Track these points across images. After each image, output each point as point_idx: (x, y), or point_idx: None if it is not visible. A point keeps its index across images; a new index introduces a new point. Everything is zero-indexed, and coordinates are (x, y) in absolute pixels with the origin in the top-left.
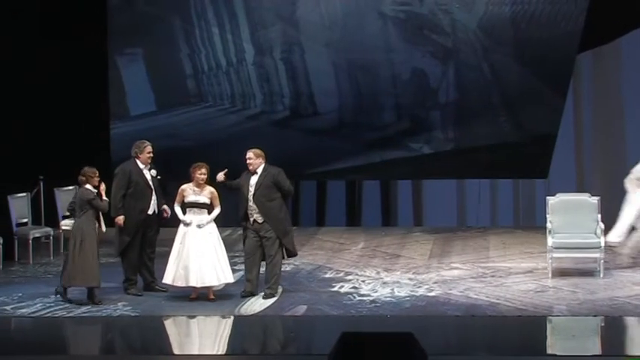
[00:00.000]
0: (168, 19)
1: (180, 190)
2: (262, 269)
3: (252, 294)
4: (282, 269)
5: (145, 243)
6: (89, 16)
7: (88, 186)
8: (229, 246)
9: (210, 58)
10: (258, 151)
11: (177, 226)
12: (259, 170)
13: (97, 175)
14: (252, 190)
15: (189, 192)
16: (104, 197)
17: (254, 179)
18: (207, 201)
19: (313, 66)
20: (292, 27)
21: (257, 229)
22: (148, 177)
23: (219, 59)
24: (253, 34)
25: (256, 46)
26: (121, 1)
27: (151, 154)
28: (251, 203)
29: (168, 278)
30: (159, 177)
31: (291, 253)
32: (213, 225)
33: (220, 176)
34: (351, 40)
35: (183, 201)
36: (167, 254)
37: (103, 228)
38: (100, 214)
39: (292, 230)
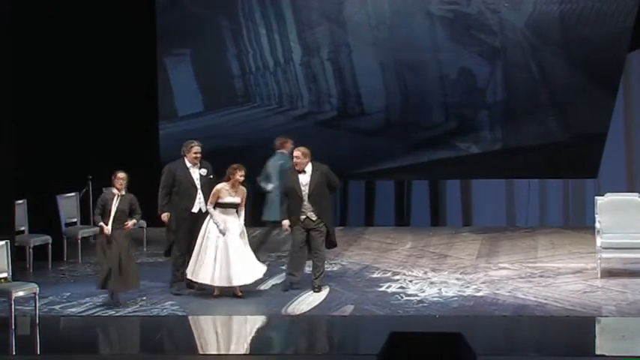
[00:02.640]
0: (215, 19)
1: (215, 190)
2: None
3: (293, 287)
4: (329, 269)
5: (194, 242)
6: (138, 17)
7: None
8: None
9: (257, 58)
10: (305, 150)
11: None
12: (308, 169)
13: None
14: (305, 189)
15: (225, 193)
16: None
17: (304, 178)
18: (240, 202)
19: (360, 66)
20: (339, 27)
21: (307, 225)
22: (195, 176)
23: (266, 59)
24: (300, 35)
25: (303, 46)
26: (168, 2)
27: (198, 154)
28: (305, 202)
29: (206, 278)
30: (211, 176)
31: (333, 244)
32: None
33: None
34: (398, 40)
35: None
36: None
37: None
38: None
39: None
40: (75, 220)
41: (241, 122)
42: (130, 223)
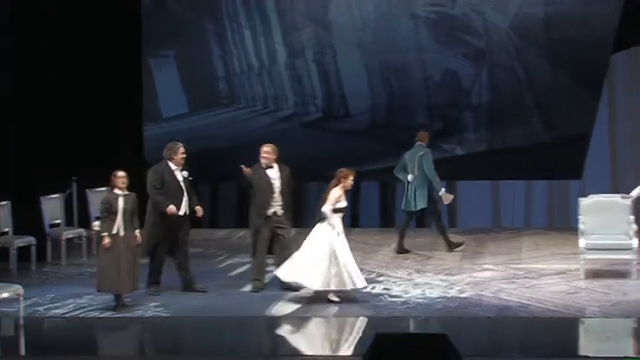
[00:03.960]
0: (200, 21)
1: (337, 195)
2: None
3: (262, 289)
4: None
5: (179, 244)
6: (123, 18)
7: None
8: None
9: (242, 59)
10: (275, 147)
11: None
12: (275, 165)
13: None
14: (276, 182)
15: (342, 198)
16: None
17: (273, 173)
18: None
19: (345, 67)
20: (324, 29)
21: (275, 222)
22: (180, 178)
23: (251, 61)
24: (285, 36)
25: (288, 48)
26: (153, 4)
27: (185, 156)
28: (276, 195)
29: (316, 284)
30: (190, 178)
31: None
32: None
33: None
34: (383, 42)
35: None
36: (199, 255)
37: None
38: None
39: None
40: (59, 221)
41: (226, 124)
42: (138, 236)
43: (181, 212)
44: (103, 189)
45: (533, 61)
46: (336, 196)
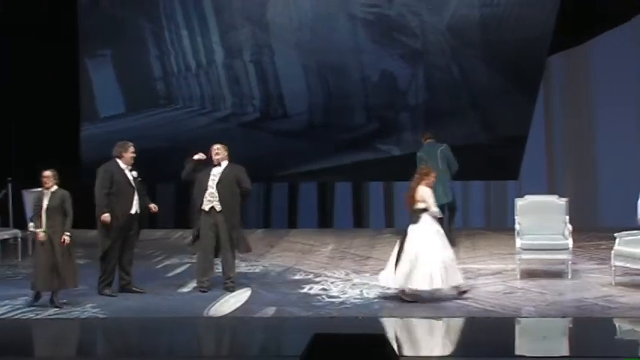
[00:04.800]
0: (137, 21)
1: (429, 192)
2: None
3: (210, 289)
4: (251, 271)
5: (126, 244)
6: (60, 17)
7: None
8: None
9: (179, 60)
10: (225, 146)
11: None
12: (223, 164)
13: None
14: (215, 178)
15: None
16: None
17: (218, 170)
18: None
19: (283, 68)
20: (262, 29)
21: (212, 219)
22: (130, 177)
23: (188, 61)
24: (223, 37)
25: (226, 48)
26: (90, 3)
27: (134, 155)
28: (213, 190)
29: (421, 284)
30: (140, 178)
31: (241, 250)
32: None
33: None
34: (320, 42)
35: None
36: (137, 256)
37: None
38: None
39: (242, 229)
40: None
41: (163, 124)
42: (66, 238)
43: (132, 211)
44: (39, 189)
45: (470, 62)
46: (429, 194)
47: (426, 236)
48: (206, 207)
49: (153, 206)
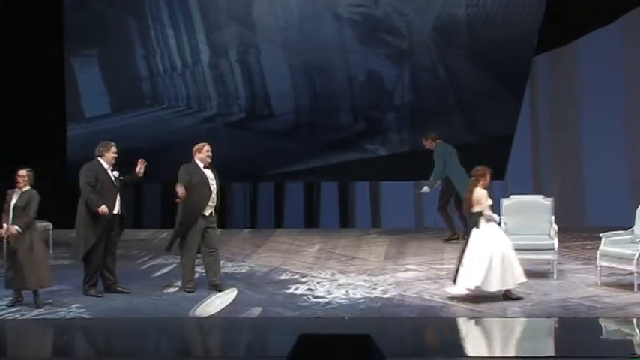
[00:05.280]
0: (123, 20)
1: (485, 194)
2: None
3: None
4: (238, 271)
5: (109, 244)
6: (45, 16)
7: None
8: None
9: (165, 59)
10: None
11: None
12: (209, 166)
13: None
14: (213, 183)
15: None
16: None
17: (210, 173)
18: None
19: (269, 68)
20: (248, 29)
21: (206, 223)
22: (112, 177)
23: (174, 61)
24: (209, 36)
25: (212, 48)
26: (76, 2)
27: (116, 155)
28: (214, 196)
29: (492, 285)
30: (121, 178)
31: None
32: None
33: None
34: (306, 42)
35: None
36: (122, 256)
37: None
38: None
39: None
40: None
41: (149, 124)
42: (13, 228)
43: (115, 211)
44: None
45: (456, 62)
46: (484, 197)
47: (491, 238)
48: (207, 212)
49: (141, 161)
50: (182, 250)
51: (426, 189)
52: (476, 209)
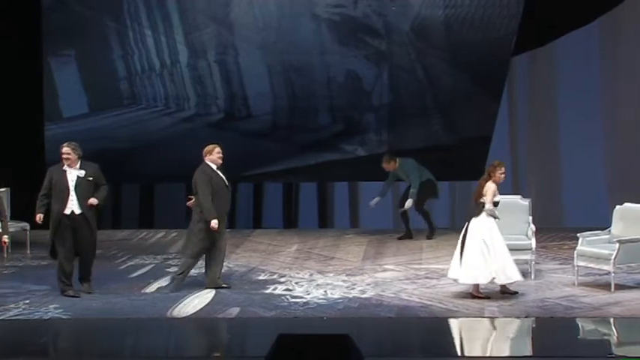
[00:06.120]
0: (101, 20)
1: (493, 189)
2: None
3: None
4: None
5: (78, 244)
6: (23, 16)
7: None
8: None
9: (143, 59)
10: None
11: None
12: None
13: None
14: (226, 182)
15: (497, 191)
16: None
17: (222, 174)
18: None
19: (247, 68)
20: (226, 29)
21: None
22: (71, 177)
23: (152, 61)
24: (187, 36)
25: (190, 48)
26: (54, 2)
27: (64, 155)
28: (229, 196)
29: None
30: (90, 178)
31: None
32: None
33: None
34: (285, 42)
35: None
36: (100, 256)
37: None
38: None
39: None
40: None
41: (127, 124)
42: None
43: (67, 211)
44: (2, 189)
45: (434, 63)
46: (492, 190)
47: (494, 230)
48: (223, 212)
49: (92, 201)
50: (193, 249)
51: (408, 203)
52: (481, 200)
